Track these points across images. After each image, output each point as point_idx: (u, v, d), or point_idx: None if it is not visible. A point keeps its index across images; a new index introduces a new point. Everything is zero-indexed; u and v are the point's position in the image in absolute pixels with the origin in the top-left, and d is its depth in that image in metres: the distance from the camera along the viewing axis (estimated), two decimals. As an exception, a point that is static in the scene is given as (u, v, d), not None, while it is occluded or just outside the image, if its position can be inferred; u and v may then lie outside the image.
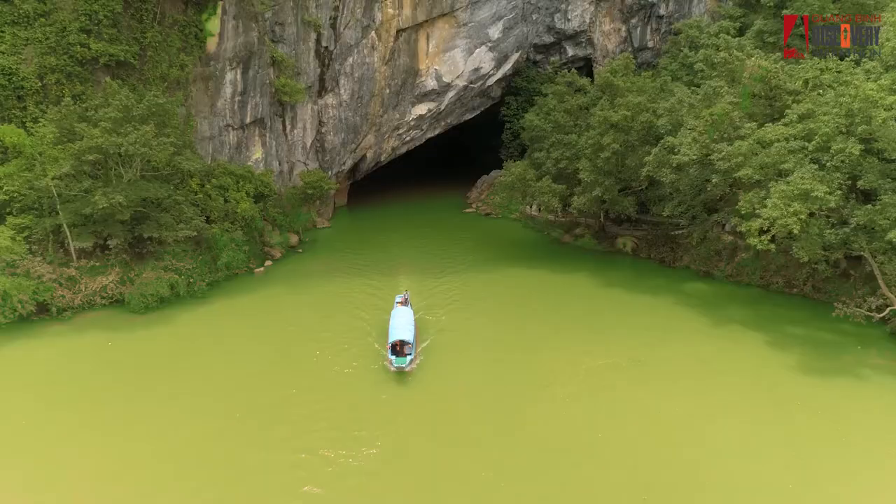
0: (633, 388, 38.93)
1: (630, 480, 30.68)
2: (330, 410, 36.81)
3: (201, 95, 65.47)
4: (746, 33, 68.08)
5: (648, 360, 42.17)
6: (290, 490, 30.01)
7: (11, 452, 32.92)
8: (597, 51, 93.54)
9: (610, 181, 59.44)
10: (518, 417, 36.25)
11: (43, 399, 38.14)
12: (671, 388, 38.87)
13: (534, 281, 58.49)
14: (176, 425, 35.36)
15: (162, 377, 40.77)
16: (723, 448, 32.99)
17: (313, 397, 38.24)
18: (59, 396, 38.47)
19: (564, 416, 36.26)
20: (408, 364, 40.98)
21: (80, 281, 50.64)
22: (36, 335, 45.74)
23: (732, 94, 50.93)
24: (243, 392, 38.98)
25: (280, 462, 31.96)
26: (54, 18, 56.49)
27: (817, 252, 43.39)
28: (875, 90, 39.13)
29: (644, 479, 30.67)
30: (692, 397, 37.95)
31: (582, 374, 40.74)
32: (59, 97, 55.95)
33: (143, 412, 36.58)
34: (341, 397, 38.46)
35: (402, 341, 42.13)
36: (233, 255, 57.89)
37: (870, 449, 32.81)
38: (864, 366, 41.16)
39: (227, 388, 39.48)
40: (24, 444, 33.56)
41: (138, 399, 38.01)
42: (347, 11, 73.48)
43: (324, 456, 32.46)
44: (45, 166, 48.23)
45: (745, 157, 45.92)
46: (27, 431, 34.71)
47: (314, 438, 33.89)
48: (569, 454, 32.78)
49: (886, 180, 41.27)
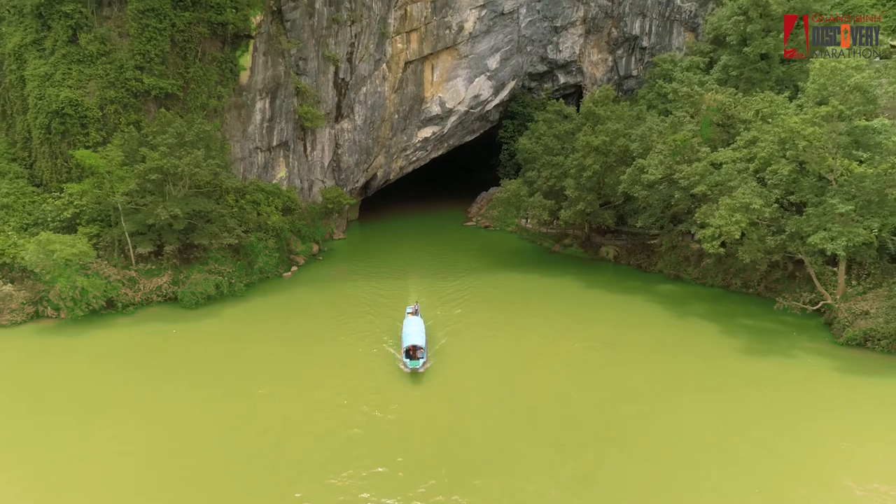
0: (603, 365, 47.82)
1: (597, 431, 39.32)
2: (356, 383, 45.51)
3: (234, 122, 74.70)
4: (714, 67, 77.38)
5: (618, 344, 51.01)
6: (335, 431, 38.76)
7: (115, 406, 41.76)
8: (586, 78, 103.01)
9: (592, 197, 68.53)
10: (510, 386, 44.94)
11: (125, 370, 47.10)
12: (635, 365, 47.70)
13: (527, 284, 67.17)
14: (234, 388, 44.22)
15: (215, 357, 49.70)
16: (673, 407, 41.61)
17: (342, 373, 46.96)
18: (137, 369, 47.38)
19: (547, 385, 44.93)
20: (421, 366, 46.44)
21: (139, 281, 59.61)
22: (108, 326, 54.69)
23: (693, 123, 60.05)
24: (283, 370, 47.67)
25: (323, 414, 40.67)
26: (113, 57, 65.72)
27: (758, 254, 52.16)
28: (798, 123, 48.07)
29: (608, 431, 39.31)
30: (652, 371, 46.70)
31: (563, 354, 49.62)
32: (116, 125, 65.28)
33: (204, 381, 45.51)
34: (365, 374, 47.13)
35: (415, 346, 47.36)
36: (266, 260, 66.89)
37: (790, 407, 41.33)
38: (796, 348, 49.82)
39: (269, 366, 48.23)
40: (123, 401, 42.43)
41: (198, 372, 47.04)
42: (362, 47, 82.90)
43: (360, 409, 41.18)
44: (114, 184, 57.15)
45: (700, 176, 55.01)
46: (121, 393, 43.63)
47: (347, 402, 42.53)
48: (549, 412, 41.34)
49: (812, 194, 50.18)
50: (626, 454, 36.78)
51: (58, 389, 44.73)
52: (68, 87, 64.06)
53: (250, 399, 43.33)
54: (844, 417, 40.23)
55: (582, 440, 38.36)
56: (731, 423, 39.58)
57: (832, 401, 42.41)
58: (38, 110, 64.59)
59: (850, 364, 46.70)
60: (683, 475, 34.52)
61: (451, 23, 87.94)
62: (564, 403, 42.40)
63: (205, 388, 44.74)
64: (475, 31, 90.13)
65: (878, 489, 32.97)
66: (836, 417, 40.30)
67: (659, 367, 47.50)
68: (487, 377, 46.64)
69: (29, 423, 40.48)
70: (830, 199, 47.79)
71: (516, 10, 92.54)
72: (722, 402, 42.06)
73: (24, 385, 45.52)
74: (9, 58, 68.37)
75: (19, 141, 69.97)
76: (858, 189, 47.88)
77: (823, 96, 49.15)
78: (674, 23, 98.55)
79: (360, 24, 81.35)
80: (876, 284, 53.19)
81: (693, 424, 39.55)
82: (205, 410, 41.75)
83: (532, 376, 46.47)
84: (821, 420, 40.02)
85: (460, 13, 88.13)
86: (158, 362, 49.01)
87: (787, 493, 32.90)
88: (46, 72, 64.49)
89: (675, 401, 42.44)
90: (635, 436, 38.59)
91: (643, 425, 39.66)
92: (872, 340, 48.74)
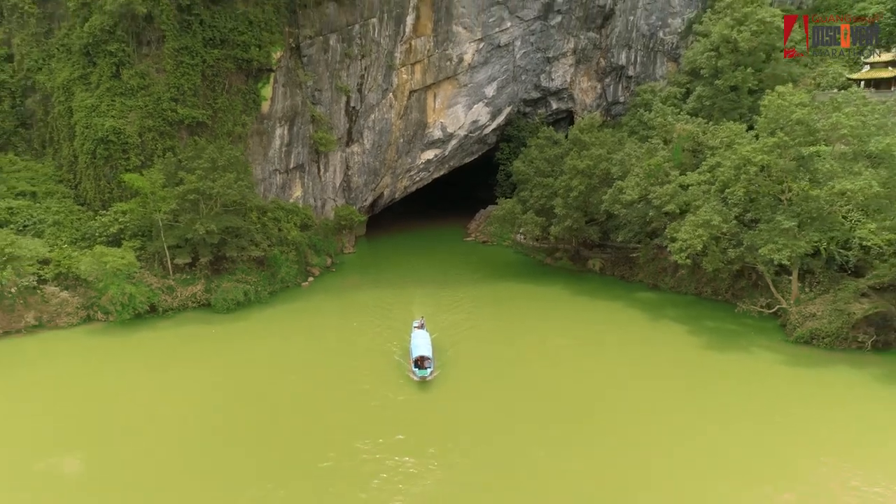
0: (584, 357, 55.72)
1: (575, 407, 46.94)
2: (371, 374, 53.13)
3: (256, 146, 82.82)
4: (690, 97, 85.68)
5: (598, 341, 58.95)
6: (355, 407, 46.38)
7: (169, 392, 49.49)
8: (577, 104, 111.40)
9: (578, 214, 76.53)
10: (506, 375, 52.55)
11: (173, 364, 54.83)
12: (610, 357, 55.61)
13: (521, 292, 74.96)
14: (266, 377, 52.07)
15: (247, 354, 57.34)
16: (640, 388, 49.27)
17: (357, 365, 54.59)
18: (182, 362, 55.10)
19: (536, 373, 52.59)
20: (429, 374, 51.11)
21: (177, 289, 67.42)
22: (151, 328, 62.48)
23: (666, 149, 68.11)
24: (307, 366, 55.23)
25: (345, 407, 48.26)
26: (151, 90, 73.90)
27: (719, 264, 60.00)
28: (750, 151, 56.08)
29: (585, 407, 46.95)
30: (624, 362, 54.49)
31: (550, 349, 57.37)
32: (153, 150, 73.39)
33: (240, 372, 53.22)
34: (377, 366, 54.73)
35: (423, 357, 52.13)
36: (287, 271, 74.79)
37: (741, 389, 48.86)
38: (753, 345, 57.44)
39: (294, 359, 55.98)
40: (174, 388, 50.18)
41: (236, 365, 54.80)
42: (371, 78, 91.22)
43: (372, 405, 48.53)
44: (157, 203, 65.07)
45: (670, 197, 63.00)
46: (172, 382, 51.35)
47: (364, 399, 49.89)
48: (537, 394, 48.93)
49: (765, 212, 58.08)
50: (596, 424, 44.71)
51: (117, 379, 52.42)
52: (112, 117, 72.16)
53: (281, 384, 51.10)
54: (788, 398, 47.75)
55: (563, 414, 45.92)
56: (688, 402, 47.48)
57: (778, 385, 49.91)
58: (84, 138, 72.68)
59: (796, 358, 54.33)
60: (643, 439, 42.10)
61: (452, 55, 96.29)
62: (551, 387, 50.03)
63: (241, 378, 52.40)
64: (474, 62, 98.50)
65: (815, 454, 40.18)
66: (781, 397, 47.81)
67: (630, 358, 55.38)
68: (485, 367, 54.23)
69: (92, 408, 47.94)
70: (778, 217, 55.70)
71: (511, 43, 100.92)
72: (681, 387, 49.85)
73: (87, 378, 53.19)
74: (58, 91, 76.55)
75: (65, 165, 78.09)
76: (803, 208, 55.78)
77: (772, 128, 57.18)
78: (657, 54, 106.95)
79: (370, 58, 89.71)
80: (824, 291, 60.90)
81: (655, 401, 47.37)
82: (243, 394, 49.40)
83: (525, 366, 54.18)
84: (767, 399, 47.44)
85: (460, 46, 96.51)
86: (200, 357, 56.75)
87: (735, 458, 39.99)
88: (92, 103, 72.66)
89: (642, 385, 50.10)
90: (606, 411, 46.40)
91: (613, 403, 47.43)
92: (818, 338, 56.42)
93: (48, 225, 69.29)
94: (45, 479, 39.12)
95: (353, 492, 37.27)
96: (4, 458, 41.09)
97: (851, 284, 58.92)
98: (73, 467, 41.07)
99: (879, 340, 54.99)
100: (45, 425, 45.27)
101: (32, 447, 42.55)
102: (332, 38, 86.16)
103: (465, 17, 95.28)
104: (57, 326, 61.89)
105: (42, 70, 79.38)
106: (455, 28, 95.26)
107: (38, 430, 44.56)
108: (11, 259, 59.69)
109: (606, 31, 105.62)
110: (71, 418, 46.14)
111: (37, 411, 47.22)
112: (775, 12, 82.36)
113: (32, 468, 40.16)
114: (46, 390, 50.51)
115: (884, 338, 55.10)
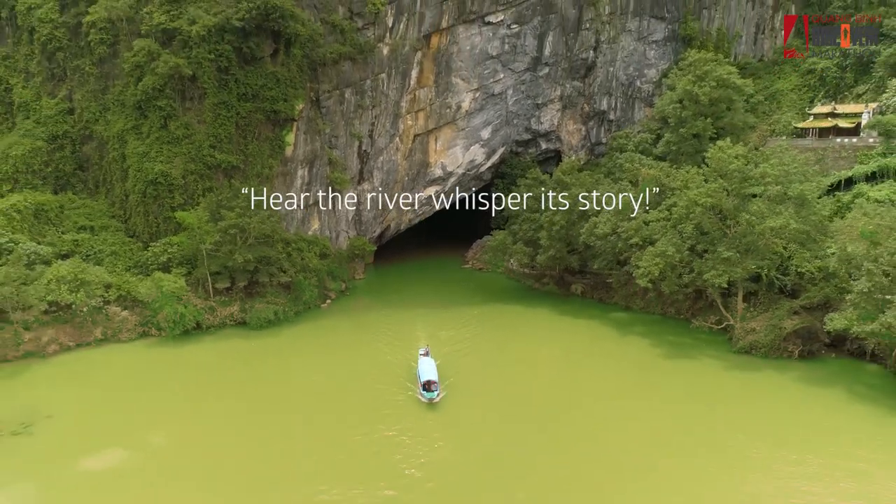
0: (562, 363, 67.40)
1: (557, 403, 58.21)
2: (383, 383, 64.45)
3: (280, 186, 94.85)
4: (660, 142, 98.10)
5: (574, 352, 70.51)
6: (374, 406, 57.65)
7: (220, 394, 60.82)
8: (563, 145, 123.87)
9: (560, 245, 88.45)
10: (496, 383, 63.80)
11: (220, 371, 66.28)
12: (582, 364, 67.32)
13: (511, 313, 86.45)
14: (297, 384, 63.40)
15: (280, 364, 68.84)
16: (602, 391, 60.65)
17: (371, 374, 65.95)
18: (227, 370, 66.56)
19: (522, 377, 64.01)
20: (436, 397, 56.88)
21: (217, 309, 78.98)
22: (197, 342, 73.95)
23: (634, 190, 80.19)
24: (328, 377, 66.26)
25: (363, 416, 59.46)
26: (193, 139, 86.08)
27: (675, 287, 71.68)
28: (697, 194, 68.18)
29: (565, 403, 58.28)
30: (593, 369, 66.13)
31: (537, 358, 68.98)
32: (194, 190, 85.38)
33: (276, 379, 64.59)
34: (389, 375, 66.05)
35: (430, 381, 58.30)
36: (309, 294, 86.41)
37: (690, 389, 60.14)
38: (702, 355, 68.80)
39: (318, 371, 67.25)
40: (222, 391, 61.52)
41: (268, 373, 66.08)
42: (380, 125, 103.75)
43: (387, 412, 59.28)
44: (202, 236, 76.94)
45: (635, 231, 74.95)
46: (218, 386, 62.69)
47: (378, 412, 61.01)
48: (522, 393, 60.23)
49: (712, 244, 69.95)
50: (572, 418, 55.93)
51: (177, 384, 63.84)
52: (160, 162, 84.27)
53: (311, 388, 62.50)
54: (727, 393, 59.19)
55: (547, 411, 57.07)
56: (644, 399, 58.69)
57: (720, 385, 61.30)
58: (136, 179, 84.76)
59: (736, 364, 65.71)
60: (607, 426, 53.43)
61: (452, 103, 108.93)
62: (537, 389, 61.43)
63: (277, 384, 63.74)
64: (471, 109, 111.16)
65: (747, 434, 50.99)
66: (721, 393, 59.33)
67: (598, 366, 67.02)
68: (480, 374, 65.57)
69: (153, 404, 59.16)
70: (720, 248, 67.62)
71: (504, 92, 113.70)
72: (640, 386, 61.27)
73: (150, 380, 64.58)
74: (113, 139, 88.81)
75: (117, 202, 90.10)
76: (741, 241, 67.68)
77: (715, 175, 69.31)
78: (635, 100, 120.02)
79: (379, 108, 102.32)
80: (765, 310, 72.49)
81: (618, 398, 58.80)
82: (278, 399, 60.49)
83: (515, 374, 65.58)
84: (710, 395, 58.90)
85: (459, 95, 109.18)
86: (242, 366, 68.12)
87: (684, 448, 50.65)
88: (144, 150, 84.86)
89: (605, 387, 61.57)
90: (579, 407, 57.76)
91: (585, 400, 58.87)
92: (756, 349, 67.87)
93: (106, 255, 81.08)
94: (131, 453, 50.18)
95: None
96: (80, 442, 52.32)
97: (786, 304, 70.64)
98: (158, 441, 51.99)
99: (805, 350, 66.47)
100: (116, 415, 56.25)
101: (105, 434, 53.11)
102: (347, 91, 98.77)
103: (463, 70, 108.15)
104: (119, 340, 73.39)
105: (98, 121, 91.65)
106: (454, 79, 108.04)
107: (113, 419, 55.41)
108: (83, 284, 71.34)
109: (589, 80, 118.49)
110: (139, 412, 57.29)
111: (108, 406, 58.11)
112: (732, 70, 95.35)
113: (122, 442, 51.32)
114: (117, 391, 61.88)
115: (808, 348, 66.59)
